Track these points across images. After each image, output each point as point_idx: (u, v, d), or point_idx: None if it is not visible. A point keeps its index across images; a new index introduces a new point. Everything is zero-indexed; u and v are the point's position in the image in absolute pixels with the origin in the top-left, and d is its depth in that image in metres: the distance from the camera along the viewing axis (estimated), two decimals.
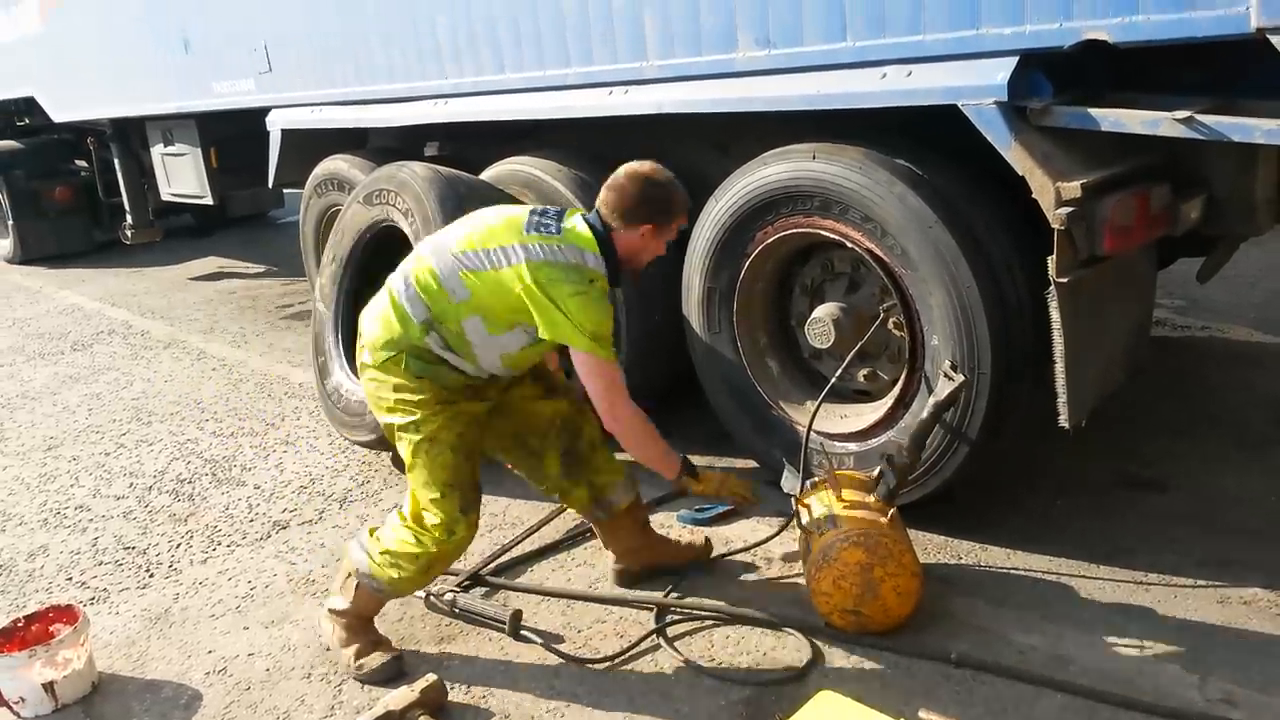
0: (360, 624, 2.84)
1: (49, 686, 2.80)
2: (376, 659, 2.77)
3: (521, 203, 4.13)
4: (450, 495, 2.69)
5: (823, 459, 3.17)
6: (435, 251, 2.70)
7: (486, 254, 2.60)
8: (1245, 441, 3.68)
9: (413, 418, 2.66)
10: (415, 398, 2.65)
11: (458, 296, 2.62)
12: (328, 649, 2.89)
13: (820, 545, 2.71)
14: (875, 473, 2.95)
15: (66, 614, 2.98)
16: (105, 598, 3.40)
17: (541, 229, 2.62)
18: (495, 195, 4.16)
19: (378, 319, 2.71)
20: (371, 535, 2.80)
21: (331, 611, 2.85)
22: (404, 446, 2.70)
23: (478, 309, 2.61)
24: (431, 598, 3.10)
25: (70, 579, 3.56)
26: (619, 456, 3.00)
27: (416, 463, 2.69)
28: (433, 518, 2.68)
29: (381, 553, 2.74)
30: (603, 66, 3.72)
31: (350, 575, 2.81)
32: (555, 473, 2.99)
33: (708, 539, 3.23)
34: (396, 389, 2.66)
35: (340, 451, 4.44)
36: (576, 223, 2.67)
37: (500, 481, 3.87)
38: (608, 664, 2.73)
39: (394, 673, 2.75)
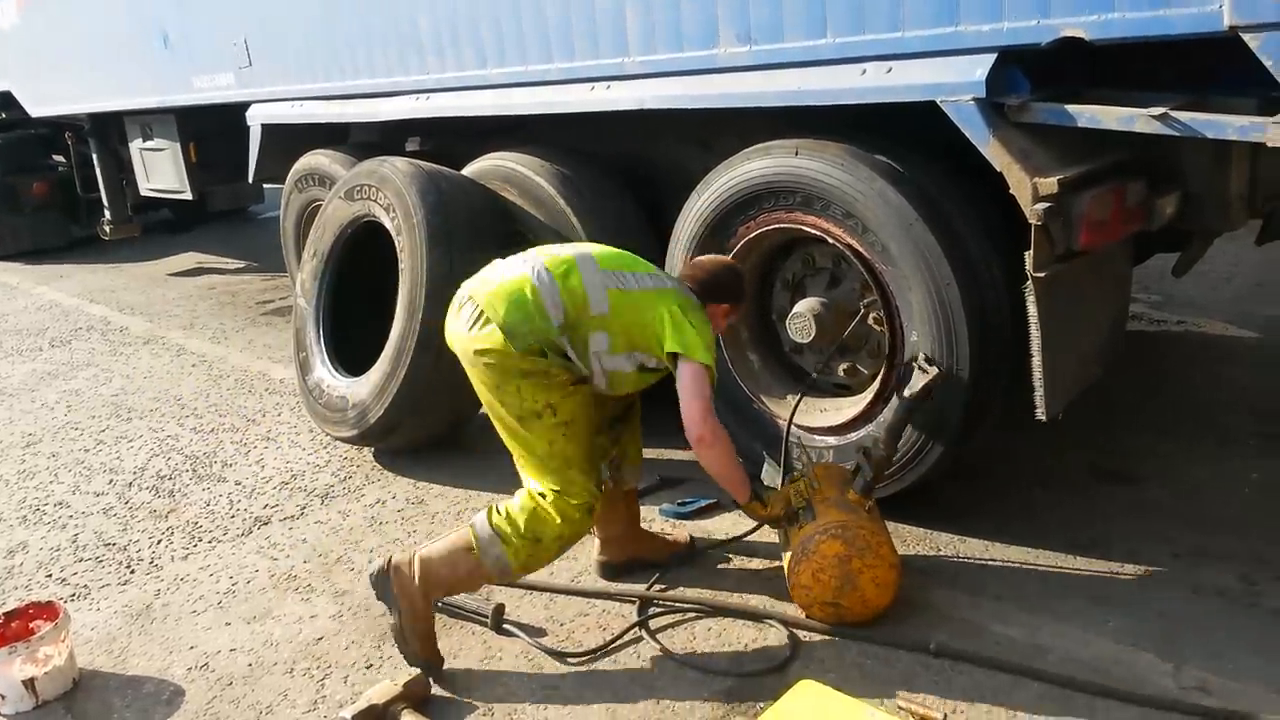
0: (430, 607, 2.76)
1: (30, 683, 2.79)
2: (431, 652, 2.74)
3: (505, 197, 4.15)
4: (590, 473, 2.75)
5: (801, 453, 3.20)
6: (581, 259, 2.73)
7: (635, 276, 2.73)
8: (1219, 434, 3.74)
9: (547, 400, 2.66)
10: (549, 381, 2.66)
11: (597, 309, 2.66)
12: (386, 614, 2.77)
13: (799, 538, 2.74)
14: (852, 466, 2.98)
15: (47, 610, 2.97)
16: (86, 594, 3.39)
17: (668, 274, 2.88)
18: (477, 191, 4.17)
19: (514, 303, 2.64)
20: (500, 514, 2.71)
21: (417, 578, 2.71)
22: (535, 428, 2.67)
23: (608, 326, 2.67)
24: None
25: (50, 576, 3.55)
26: None
27: (555, 443, 2.68)
28: (574, 496, 2.69)
29: (521, 535, 2.67)
30: (585, 62, 3.73)
31: (469, 550, 2.70)
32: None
33: (690, 535, 3.25)
34: (527, 374, 2.64)
35: (322, 447, 4.43)
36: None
37: (481, 476, 3.88)
38: (589, 657, 2.75)
39: (437, 671, 2.72)
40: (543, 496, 2.70)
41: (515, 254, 2.83)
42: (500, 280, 2.70)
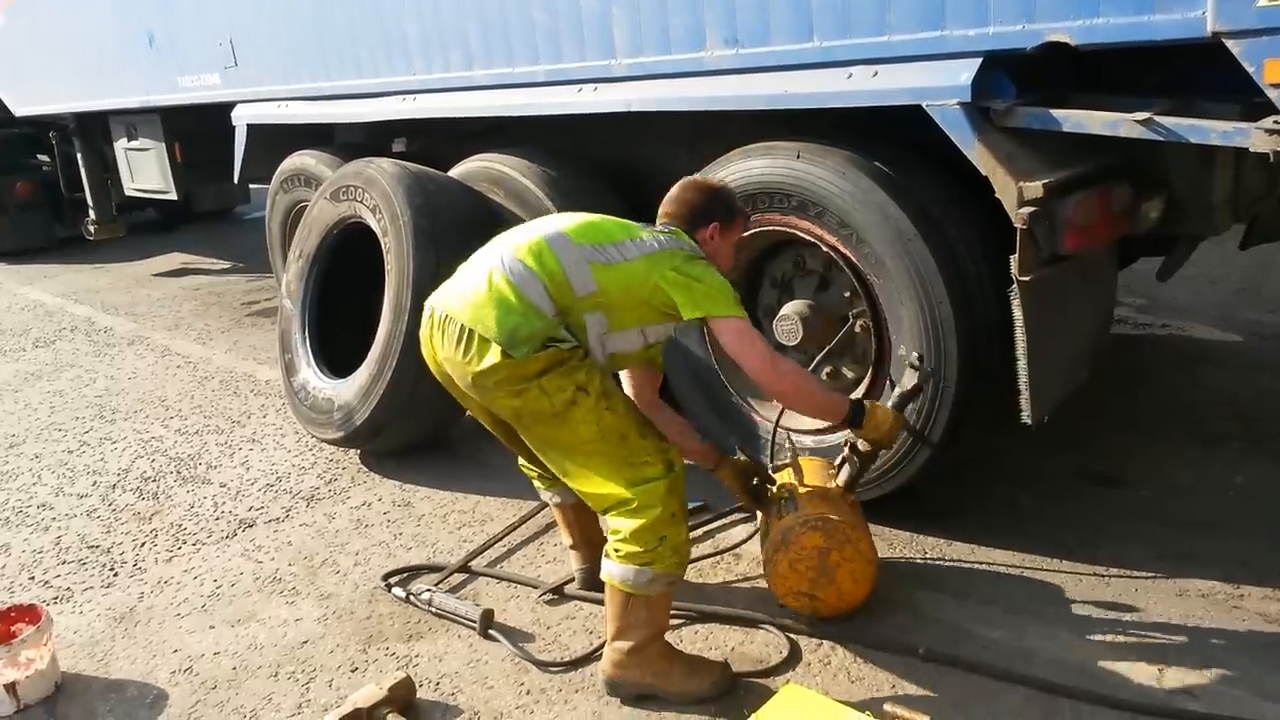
0: (665, 646, 2.59)
1: (11, 687, 2.76)
2: (712, 668, 2.56)
3: (492, 199, 4.14)
4: (648, 433, 2.53)
5: (784, 442, 3.17)
6: (551, 239, 2.51)
7: (616, 247, 2.50)
8: (1204, 437, 3.76)
9: (575, 383, 2.43)
10: (567, 366, 2.44)
11: (584, 289, 2.46)
12: (651, 696, 2.54)
13: (779, 528, 2.73)
14: (838, 460, 2.98)
15: (29, 613, 2.94)
16: (69, 597, 3.37)
17: (646, 228, 2.60)
18: (464, 192, 4.16)
19: (503, 310, 2.42)
20: (615, 551, 2.49)
21: (629, 656, 2.53)
22: (575, 416, 2.44)
23: (600, 305, 2.48)
24: (410, 596, 3.09)
25: (33, 578, 3.52)
26: None
27: (603, 420, 2.45)
28: (649, 466, 2.46)
29: (639, 547, 2.44)
30: (571, 64, 3.73)
31: (628, 603, 2.50)
32: None
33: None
34: (542, 371, 2.41)
35: (307, 449, 4.41)
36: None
37: (467, 479, 3.87)
38: (568, 668, 2.72)
39: (734, 676, 2.56)
40: (626, 506, 2.46)
41: (478, 254, 2.64)
42: (475, 288, 2.49)
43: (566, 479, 2.58)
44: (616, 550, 2.48)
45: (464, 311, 2.47)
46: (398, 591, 3.14)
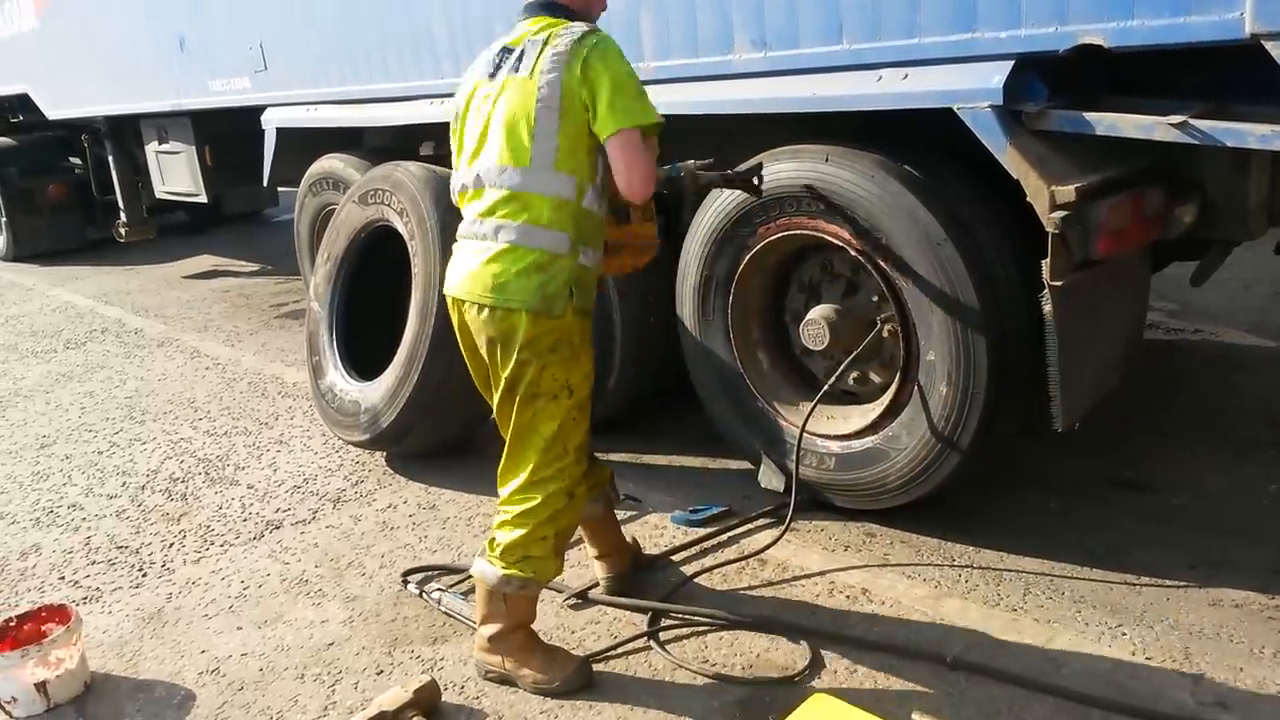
0: (527, 637, 2.69)
1: (41, 686, 2.79)
2: (568, 663, 2.66)
3: None
4: (581, 459, 2.64)
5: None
6: (518, 185, 2.48)
7: (541, 127, 2.43)
8: (1237, 443, 3.70)
9: (567, 381, 2.53)
10: (573, 355, 2.53)
11: (566, 186, 2.47)
12: (508, 682, 2.68)
13: None
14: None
15: (59, 613, 2.97)
16: (98, 597, 3.40)
17: (532, 52, 2.47)
18: None
19: (527, 273, 2.45)
20: (490, 545, 2.64)
21: (491, 641, 2.67)
22: (549, 408, 2.53)
23: (572, 166, 2.46)
24: (424, 594, 3.11)
25: (63, 578, 3.55)
26: None
27: (565, 426, 2.54)
28: (553, 483, 2.56)
29: (507, 548, 2.59)
30: None
31: (491, 595, 2.65)
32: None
33: (634, 539, 3.23)
34: (553, 348, 2.49)
35: (334, 451, 4.43)
36: (530, 29, 2.55)
37: (493, 481, 3.87)
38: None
39: (589, 673, 2.66)
40: (516, 493, 2.59)
41: (458, 239, 2.65)
42: (482, 259, 2.51)
43: (506, 428, 2.63)
44: (488, 547, 2.65)
45: (490, 293, 2.51)
46: (412, 588, 3.16)
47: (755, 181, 2.92)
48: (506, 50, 2.57)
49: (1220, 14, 2.25)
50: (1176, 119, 2.42)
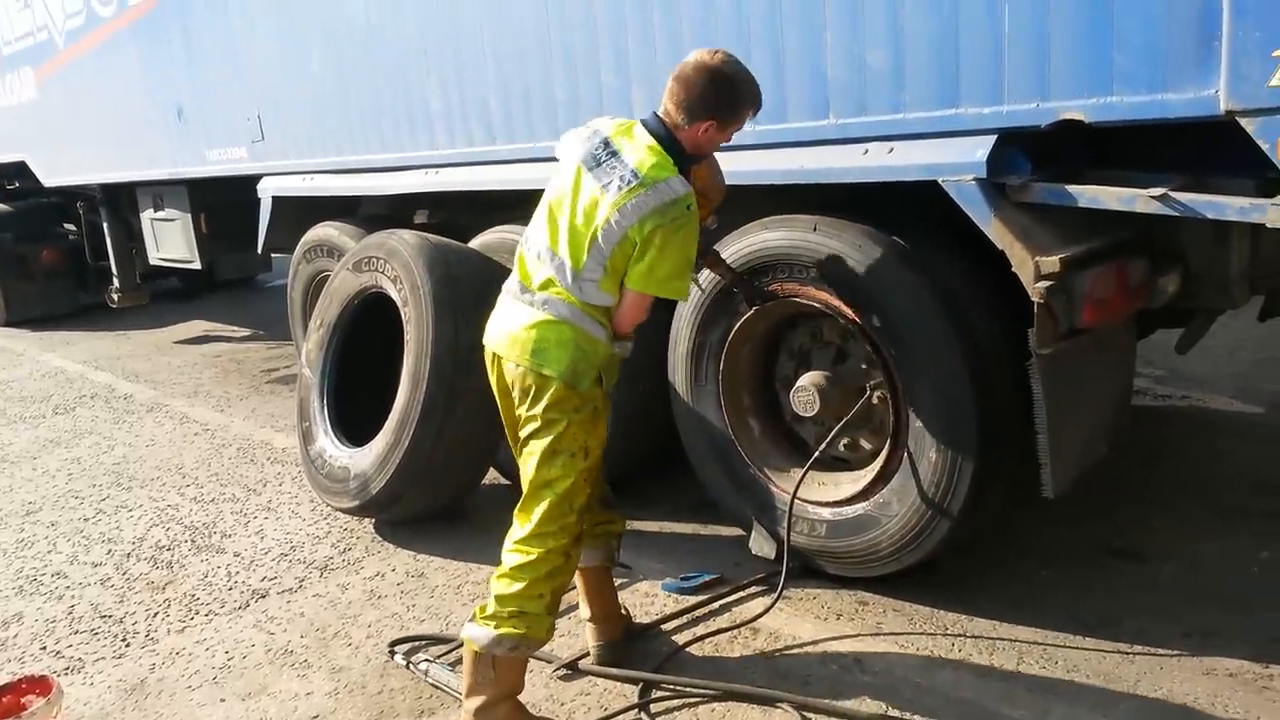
0: (514, 709, 2.66)
1: None
2: None
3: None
4: (580, 522, 2.68)
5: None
6: (568, 282, 2.60)
7: (598, 250, 2.55)
8: (1226, 511, 3.70)
9: (584, 443, 2.62)
10: (595, 418, 2.65)
11: (604, 300, 2.62)
12: None
13: None
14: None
15: (40, 684, 2.91)
16: (80, 667, 3.34)
17: (622, 184, 2.51)
18: (484, 264, 4.21)
19: (565, 347, 2.57)
20: (480, 611, 2.63)
21: (477, 715, 2.62)
22: (561, 464, 2.59)
23: (614, 291, 2.62)
24: (410, 665, 3.07)
25: (44, 648, 3.50)
26: None
27: (576, 484, 2.61)
28: (554, 539, 2.60)
29: (502, 599, 2.59)
30: None
31: (478, 661, 2.61)
32: (604, 492, 3.01)
33: (625, 607, 3.21)
34: (578, 409, 2.60)
35: (322, 518, 4.40)
36: (641, 152, 2.55)
37: (482, 549, 3.85)
38: None
39: None
40: (525, 540, 2.61)
41: (505, 293, 2.76)
42: (525, 323, 2.63)
43: (520, 469, 2.70)
44: (478, 612, 2.63)
45: (528, 355, 2.63)
46: (399, 659, 3.12)
47: (753, 296, 3.23)
48: (609, 146, 2.60)
49: (1196, 91, 2.31)
50: (1157, 191, 2.47)
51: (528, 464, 2.66)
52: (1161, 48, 2.35)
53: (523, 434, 2.67)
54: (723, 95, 2.56)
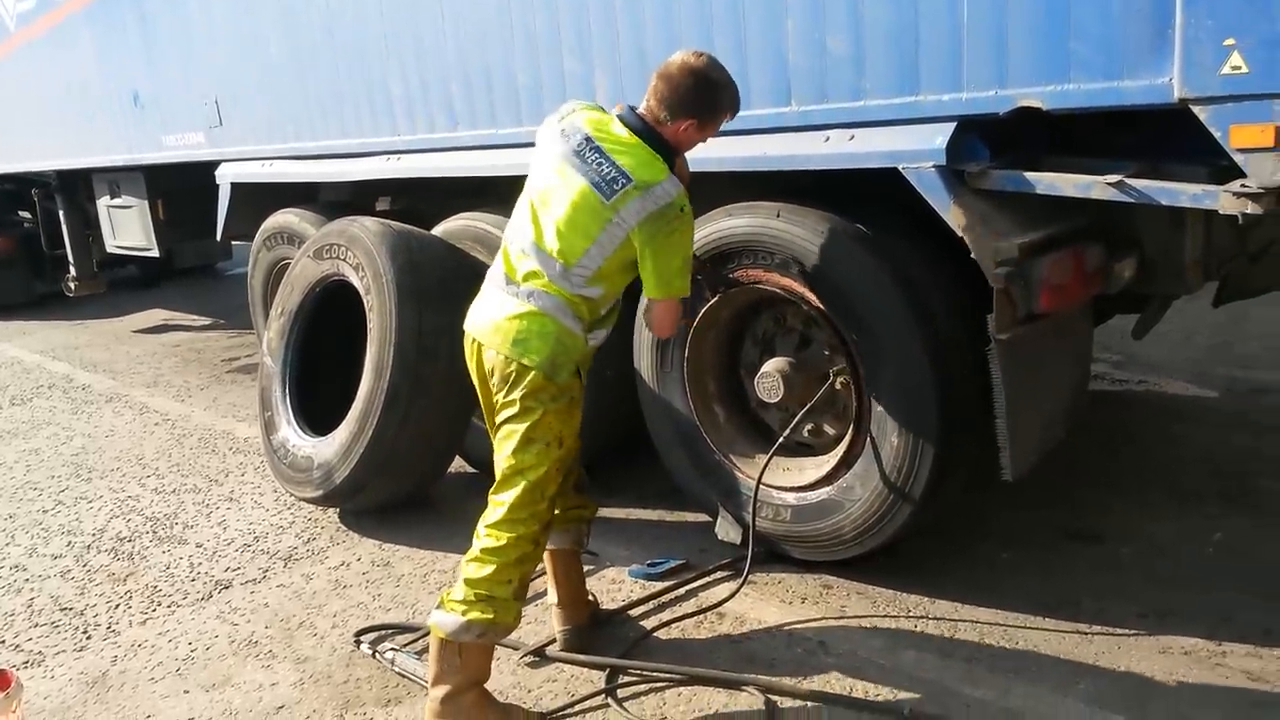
0: (480, 696, 2.64)
1: None
2: (531, 718, 2.68)
3: (476, 257, 4.15)
4: (552, 510, 2.72)
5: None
6: (555, 275, 2.64)
7: (598, 248, 2.60)
8: (1182, 493, 3.78)
9: (560, 433, 2.65)
10: (570, 408, 2.68)
11: (593, 293, 2.66)
12: None
13: None
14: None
15: None
16: (40, 661, 3.30)
17: (614, 185, 2.56)
18: (448, 251, 4.19)
19: (547, 339, 2.60)
20: (447, 596, 2.64)
21: (443, 704, 2.59)
22: (535, 452, 2.62)
23: (605, 282, 2.67)
24: (376, 654, 3.06)
25: (3, 642, 3.45)
26: None
27: (549, 471, 2.64)
28: (524, 525, 2.62)
29: (471, 581, 2.60)
30: None
31: (444, 649, 2.60)
32: (579, 477, 3.04)
33: (592, 594, 3.22)
34: (555, 398, 2.63)
35: (286, 508, 4.37)
36: (630, 152, 2.60)
37: (448, 538, 3.84)
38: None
39: None
40: (498, 524, 2.63)
41: (489, 282, 2.78)
42: (508, 314, 2.66)
43: (495, 451, 2.72)
44: (446, 597, 2.63)
45: (509, 343, 2.66)
46: (365, 649, 3.11)
47: (716, 283, 3.33)
48: (591, 144, 2.62)
49: (1150, 79, 2.35)
50: (1113, 178, 2.50)
51: (503, 448, 2.67)
52: (1117, 35, 2.38)
53: (499, 419, 2.69)
54: (705, 97, 2.66)
